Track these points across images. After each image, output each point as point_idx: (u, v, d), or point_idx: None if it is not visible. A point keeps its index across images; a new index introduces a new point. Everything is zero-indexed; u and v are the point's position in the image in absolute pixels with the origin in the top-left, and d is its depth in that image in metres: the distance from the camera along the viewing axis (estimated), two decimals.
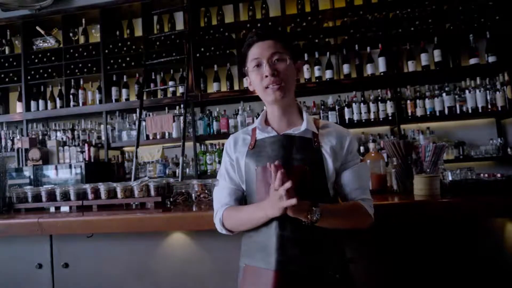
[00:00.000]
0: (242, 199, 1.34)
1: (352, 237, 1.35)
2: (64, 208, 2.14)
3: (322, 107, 3.95)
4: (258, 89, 1.31)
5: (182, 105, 3.88)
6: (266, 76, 1.25)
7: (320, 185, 1.23)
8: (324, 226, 1.16)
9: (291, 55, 1.30)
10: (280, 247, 1.16)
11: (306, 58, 3.89)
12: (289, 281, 1.15)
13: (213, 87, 4.15)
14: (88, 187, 2.13)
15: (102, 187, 2.09)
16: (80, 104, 4.40)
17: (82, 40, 4.51)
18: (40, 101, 4.49)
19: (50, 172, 3.91)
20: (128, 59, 4.28)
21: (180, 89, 4.17)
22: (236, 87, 4.17)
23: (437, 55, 3.67)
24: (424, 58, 3.72)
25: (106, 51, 4.29)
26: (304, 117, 1.31)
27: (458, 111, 3.59)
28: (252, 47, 1.30)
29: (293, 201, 1.04)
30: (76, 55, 4.41)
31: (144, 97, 4.04)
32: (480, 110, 3.54)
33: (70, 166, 3.89)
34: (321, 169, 1.23)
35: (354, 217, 1.24)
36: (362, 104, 3.78)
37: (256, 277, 1.19)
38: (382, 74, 3.77)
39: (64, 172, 3.88)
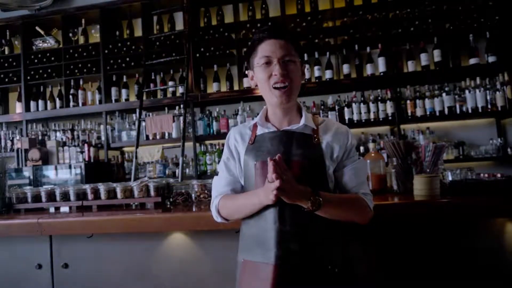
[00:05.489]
0: (240, 191, 1.34)
1: (353, 236, 1.34)
2: (64, 209, 2.14)
3: (322, 107, 3.95)
4: (263, 87, 1.29)
5: (182, 105, 3.88)
6: (276, 75, 1.24)
7: (320, 181, 1.23)
8: (325, 216, 1.16)
9: (300, 57, 1.30)
10: (279, 241, 1.16)
11: (306, 58, 3.89)
12: (288, 275, 1.15)
13: (212, 87, 4.15)
14: (88, 187, 2.13)
15: (101, 187, 2.09)
16: (80, 105, 4.40)
17: (81, 40, 4.51)
18: (40, 102, 4.49)
19: (50, 172, 3.90)
20: (127, 59, 4.27)
21: (180, 89, 4.16)
22: (236, 87, 4.17)
23: (437, 55, 3.67)
24: (424, 58, 3.72)
25: (106, 51, 4.29)
26: (303, 114, 1.31)
27: (458, 111, 3.59)
28: (263, 43, 1.27)
29: (277, 183, 1.06)
30: (76, 55, 4.40)
31: (144, 97, 4.04)
32: (480, 110, 3.53)
33: (70, 167, 3.88)
34: (321, 164, 1.24)
35: (354, 209, 1.24)
36: (362, 104, 3.78)
37: (255, 272, 1.20)
38: (382, 74, 3.77)
39: (64, 173, 3.87)
